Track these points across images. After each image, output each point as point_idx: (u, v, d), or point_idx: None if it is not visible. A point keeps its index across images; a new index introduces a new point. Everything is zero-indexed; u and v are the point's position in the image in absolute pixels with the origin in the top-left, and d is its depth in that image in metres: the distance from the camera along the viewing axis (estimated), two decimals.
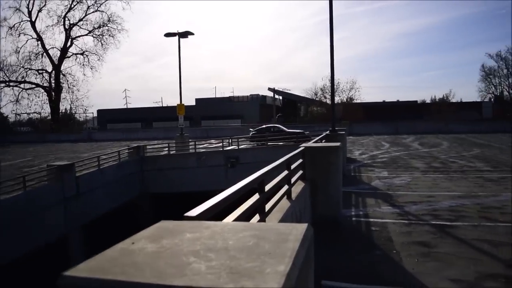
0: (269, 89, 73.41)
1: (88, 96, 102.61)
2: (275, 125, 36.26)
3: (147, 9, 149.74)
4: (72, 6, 63.76)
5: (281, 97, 78.77)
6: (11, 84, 63.69)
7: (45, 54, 63.93)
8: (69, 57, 65.58)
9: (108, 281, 1.20)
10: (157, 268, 1.29)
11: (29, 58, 63.29)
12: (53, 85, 64.22)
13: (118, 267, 1.30)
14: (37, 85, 64.53)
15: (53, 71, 64.19)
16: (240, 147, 25.71)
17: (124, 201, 19.26)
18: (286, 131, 33.24)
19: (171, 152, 25.20)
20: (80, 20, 64.77)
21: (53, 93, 64.27)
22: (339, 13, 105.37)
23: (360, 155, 23.97)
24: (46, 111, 67.07)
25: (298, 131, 33.37)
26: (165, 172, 21.81)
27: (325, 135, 16.86)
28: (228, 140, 26.88)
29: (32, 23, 62.69)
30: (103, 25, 65.70)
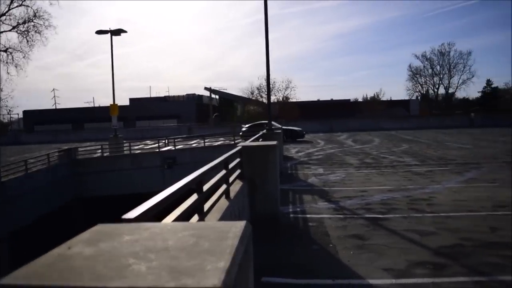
0: (205, 88, 73.24)
1: (12, 96, 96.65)
2: (266, 121, 35.11)
3: (77, 4, 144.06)
4: None
5: (217, 97, 78.78)
6: None
7: None
8: None
9: (46, 287, 1.17)
10: (95, 271, 1.27)
11: None
12: None
13: (55, 272, 1.27)
14: None
15: None
16: (177, 147, 25.42)
17: (57, 206, 18.44)
18: (282, 127, 32.78)
19: (104, 154, 24.47)
20: (3, 14, 60.80)
21: None
22: (274, 13, 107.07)
23: (296, 153, 24.47)
24: None
25: (294, 128, 32.81)
26: (100, 175, 21.14)
27: (262, 134, 17.07)
28: (164, 141, 26.49)
29: None
30: (28, 20, 61.93)
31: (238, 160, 8.00)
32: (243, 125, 35.63)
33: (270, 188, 8.59)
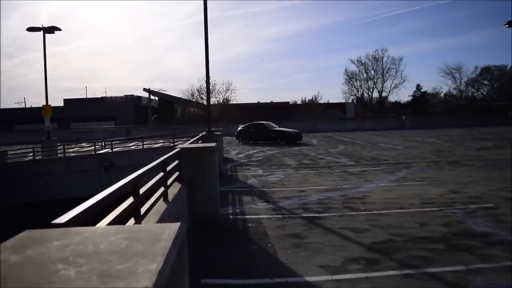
0: (144, 89, 71.72)
1: None
2: (263, 122, 34.06)
3: None
4: None
5: (157, 98, 77.41)
6: None
7: None
8: None
9: None
10: (22, 279, 1.23)
11: None
12: None
13: None
14: None
15: None
16: (115, 150, 24.72)
17: None
18: (277, 129, 32.26)
19: (37, 158, 23.34)
20: None
21: None
22: (215, 15, 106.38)
23: (236, 154, 24.57)
24: None
25: (290, 130, 31.98)
26: (31, 179, 20.14)
27: (201, 136, 16.99)
28: (101, 143, 25.68)
29: None
30: None
31: (176, 162, 7.94)
32: (239, 125, 35.33)
33: (209, 190, 8.58)
